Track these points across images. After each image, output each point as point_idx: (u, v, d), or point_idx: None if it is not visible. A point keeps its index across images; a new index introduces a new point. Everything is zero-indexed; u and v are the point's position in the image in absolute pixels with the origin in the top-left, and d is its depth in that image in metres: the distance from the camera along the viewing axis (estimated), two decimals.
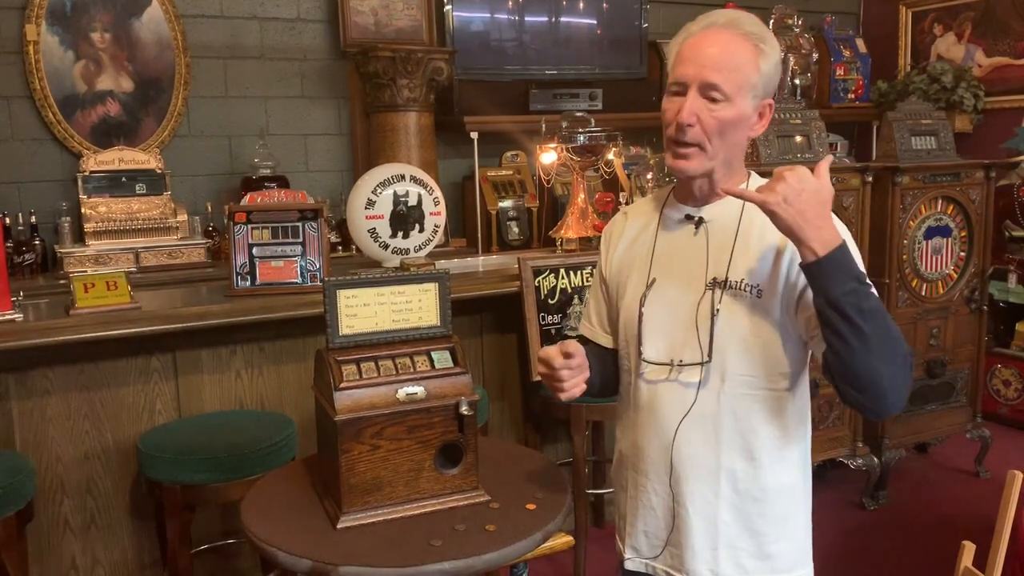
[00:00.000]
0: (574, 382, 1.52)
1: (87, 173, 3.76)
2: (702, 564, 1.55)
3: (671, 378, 1.53)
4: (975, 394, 3.94)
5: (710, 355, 1.49)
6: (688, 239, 1.56)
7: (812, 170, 1.35)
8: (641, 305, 1.56)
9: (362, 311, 1.71)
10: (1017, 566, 2.31)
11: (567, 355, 1.49)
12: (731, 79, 1.43)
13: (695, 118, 1.44)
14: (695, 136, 1.45)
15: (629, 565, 1.64)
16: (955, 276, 3.81)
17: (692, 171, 1.50)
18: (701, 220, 1.55)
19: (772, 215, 1.33)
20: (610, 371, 1.69)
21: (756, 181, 1.56)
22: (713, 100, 1.44)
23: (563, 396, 1.52)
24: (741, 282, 1.48)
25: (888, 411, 1.38)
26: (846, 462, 3.64)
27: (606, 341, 1.71)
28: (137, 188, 3.82)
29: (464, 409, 1.70)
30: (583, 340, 1.72)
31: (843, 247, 1.34)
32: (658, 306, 1.55)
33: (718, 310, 1.48)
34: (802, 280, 1.42)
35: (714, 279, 1.50)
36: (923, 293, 3.72)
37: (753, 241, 1.50)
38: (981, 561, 1.87)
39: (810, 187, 1.32)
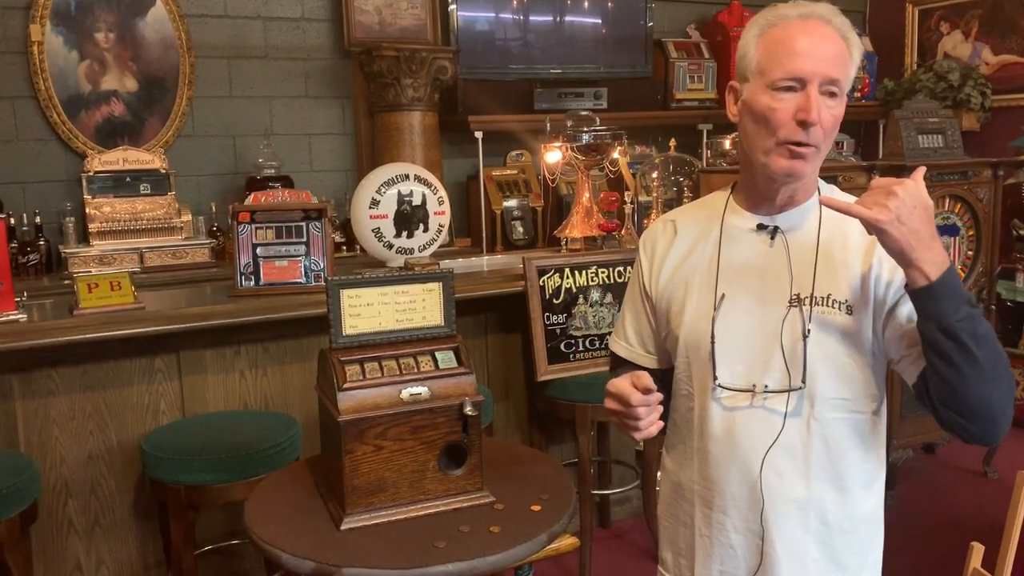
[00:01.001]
0: (651, 419, 1.35)
1: (91, 173, 3.76)
2: None
3: (749, 405, 1.40)
4: None
5: (804, 380, 1.36)
6: (763, 250, 1.42)
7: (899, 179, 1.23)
8: (713, 324, 1.42)
9: (366, 311, 1.70)
10: None
11: (646, 390, 1.33)
12: (845, 75, 1.34)
13: (820, 117, 1.31)
14: (818, 137, 1.32)
15: None
16: (963, 275, 3.78)
17: (807, 174, 1.37)
18: (777, 229, 1.42)
19: (883, 235, 1.20)
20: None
21: (825, 188, 1.46)
22: (832, 96, 1.33)
23: (639, 436, 1.36)
24: (829, 297, 1.37)
25: (998, 437, 1.29)
26: None
27: (648, 362, 1.58)
28: (141, 188, 3.82)
29: (468, 410, 1.69)
30: (615, 359, 1.64)
31: (952, 268, 1.23)
32: (732, 325, 1.42)
33: (809, 331, 1.35)
34: (891, 297, 1.34)
35: (798, 295, 1.37)
36: None
37: (836, 252, 1.39)
38: (990, 562, 1.85)
39: (922, 203, 1.20)
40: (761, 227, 1.43)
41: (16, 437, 2.55)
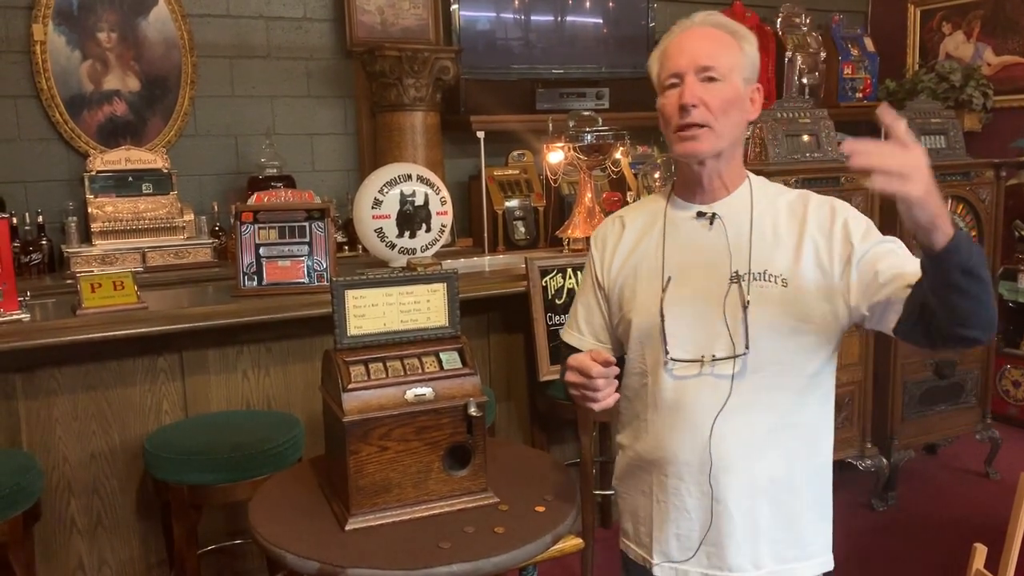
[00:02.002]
0: (608, 391, 1.48)
1: (94, 173, 3.76)
2: (744, 559, 1.54)
3: (698, 374, 1.52)
4: (985, 395, 3.92)
5: (747, 346, 1.49)
6: (703, 235, 1.57)
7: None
8: (662, 304, 1.55)
9: (370, 311, 1.70)
10: None
11: (605, 363, 1.46)
12: (722, 61, 1.50)
13: (698, 99, 1.47)
14: (702, 116, 1.48)
15: (658, 572, 1.60)
16: None
17: (704, 152, 1.50)
18: (715, 215, 1.56)
19: (918, 207, 1.19)
20: None
21: (757, 181, 1.60)
22: (711, 80, 1.49)
23: (597, 406, 1.48)
24: (765, 272, 1.51)
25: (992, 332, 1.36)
26: (855, 463, 3.62)
27: (592, 348, 1.65)
28: (143, 188, 3.82)
29: (473, 410, 1.69)
30: (567, 348, 1.74)
31: (949, 212, 1.34)
32: (680, 305, 1.55)
33: (748, 301, 1.49)
34: (838, 265, 1.47)
35: (737, 272, 1.52)
36: None
37: (768, 233, 1.53)
38: (993, 564, 1.85)
39: (926, 163, 1.20)
40: (700, 214, 1.58)
41: (19, 436, 2.55)
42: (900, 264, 1.44)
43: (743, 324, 1.49)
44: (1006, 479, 3.86)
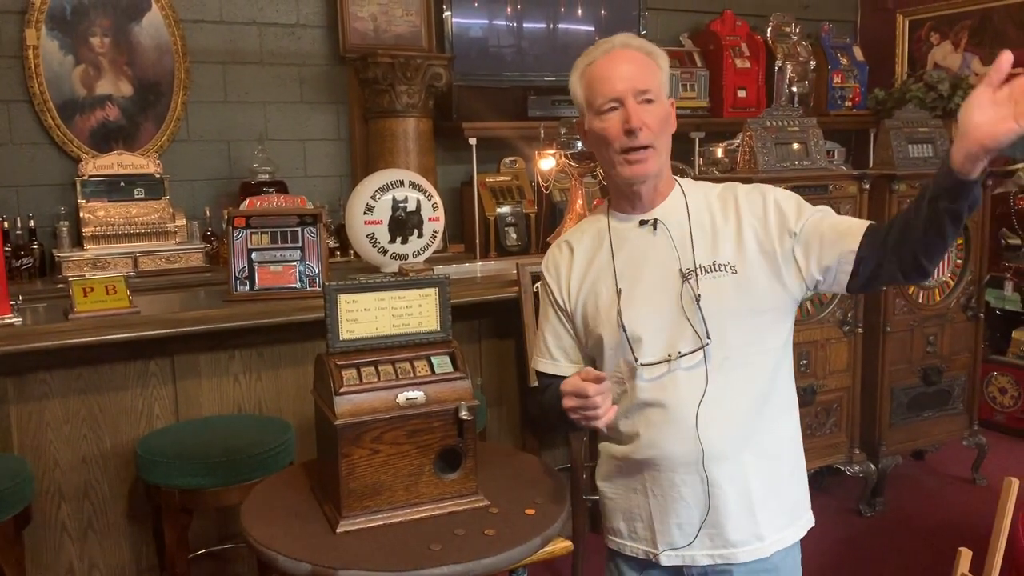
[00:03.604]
0: (607, 405, 1.51)
1: (86, 177, 3.76)
2: (745, 533, 1.61)
3: (672, 369, 1.59)
4: (972, 401, 3.95)
5: (708, 335, 1.56)
6: (648, 241, 1.65)
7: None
8: (620, 316, 1.61)
9: (363, 316, 1.71)
10: (1014, 573, 2.32)
11: (597, 379, 1.49)
12: (654, 83, 1.59)
13: (642, 121, 1.55)
14: (648, 138, 1.57)
15: (664, 560, 1.65)
16: (952, 284, 3.82)
17: (651, 172, 1.60)
18: (656, 220, 1.64)
19: (1002, 140, 1.30)
20: None
21: (685, 183, 1.69)
22: (648, 102, 1.57)
23: (600, 423, 1.52)
24: (714, 264, 1.60)
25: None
26: (843, 469, 3.65)
27: (574, 371, 1.66)
28: (136, 192, 3.83)
29: (464, 414, 1.70)
30: (542, 377, 1.78)
31: None
32: (640, 311, 1.61)
33: (699, 295, 1.57)
34: (779, 243, 1.58)
35: (687, 268, 1.60)
36: (920, 300, 3.73)
37: (707, 227, 1.62)
38: (978, 568, 1.87)
39: None
40: (643, 223, 1.66)
41: (10, 440, 2.56)
42: (838, 226, 1.55)
43: (699, 316, 1.56)
44: (992, 485, 3.89)
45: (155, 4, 4.02)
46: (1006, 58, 1.28)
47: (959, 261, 3.82)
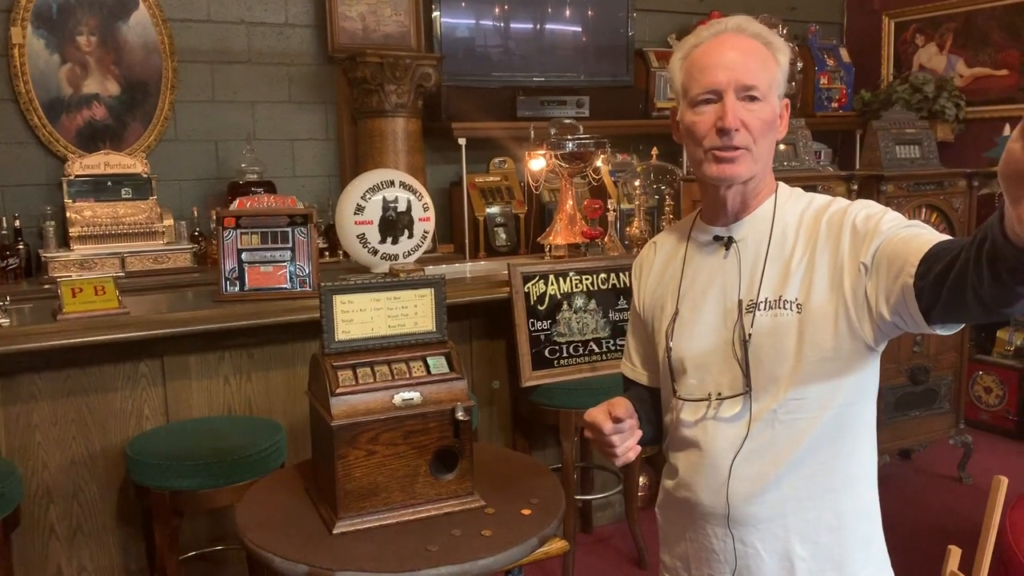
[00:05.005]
0: (627, 445, 1.39)
1: (72, 177, 3.74)
2: None
3: (710, 415, 1.43)
4: (958, 401, 3.98)
5: (749, 384, 1.39)
6: (718, 263, 1.47)
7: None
8: (668, 339, 1.47)
9: (358, 316, 1.71)
10: (1002, 570, 2.34)
11: (616, 419, 1.36)
12: (763, 79, 1.37)
13: (740, 122, 1.35)
14: (742, 140, 1.36)
15: None
16: None
17: (741, 176, 1.39)
18: (731, 240, 1.46)
19: None
20: (659, 413, 1.59)
21: (784, 194, 1.47)
22: (752, 100, 1.37)
23: (618, 462, 1.41)
24: (780, 299, 1.38)
25: None
26: None
27: (648, 380, 1.61)
28: (123, 192, 3.81)
29: (460, 415, 1.70)
30: (624, 380, 1.68)
31: None
32: (692, 338, 1.46)
33: (750, 335, 1.38)
34: (849, 276, 1.32)
35: (749, 301, 1.40)
36: None
37: (786, 254, 1.41)
38: (967, 565, 1.89)
39: None
40: (717, 239, 1.47)
41: None
42: (903, 249, 1.25)
43: (745, 359, 1.38)
44: (978, 483, 3.92)
45: (142, 3, 4.00)
46: None
47: None
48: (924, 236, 1.25)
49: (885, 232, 1.29)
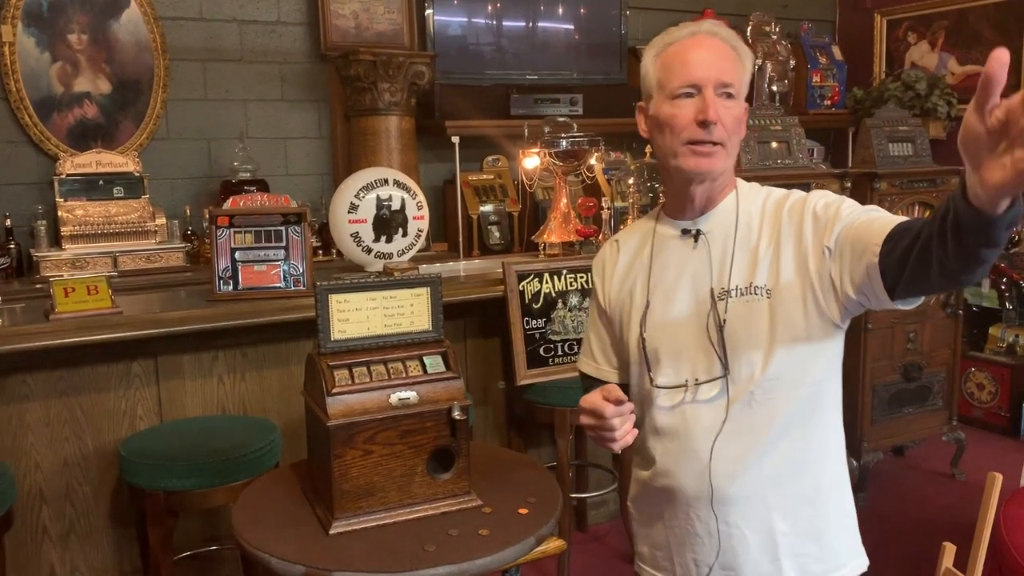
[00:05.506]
0: (626, 429, 1.39)
1: (64, 176, 3.71)
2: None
3: (688, 400, 1.48)
4: (951, 397, 4.00)
5: (727, 367, 1.44)
6: (687, 254, 1.53)
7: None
8: (642, 330, 1.52)
9: (354, 315, 1.71)
10: (996, 566, 2.35)
11: (617, 401, 1.38)
12: (738, 79, 1.46)
13: (718, 116, 1.41)
14: (720, 134, 1.43)
15: None
16: None
17: (716, 170, 1.46)
18: (699, 232, 1.52)
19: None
20: None
21: (744, 188, 1.55)
22: (729, 97, 1.44)
23: (616, 446, 1.40)
24: (751, 286, 1.45)
25: None
26: None
27: (613, 377, 1.65)
28: (115, 191, 3.78)
29: (457, 414, 1.70)
30: (584, 378, 1.70)
31: None
32: (665, 329, 1.51)
33: (725, 320, 1.45)
34: (814, 260, 1.40)
35: (720, 289, 1.47)
36: None
37: (752, 243, 1.48)
38: (961, 562, 1.89)
39: None
40: (685, 232, 1.54)
41: None
42: (865, 231, 1.34)
43: (721, 344, 1.45)
44: (971, 479, 3.94)
45: (133, 1, 3.97)
46: (1000, 58, 0.94)
47: None
48: (885, 218, 1.34)
49: (846, 217, 1.39)
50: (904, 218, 1.32)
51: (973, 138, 1.02)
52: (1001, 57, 0.94)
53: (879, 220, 1.34)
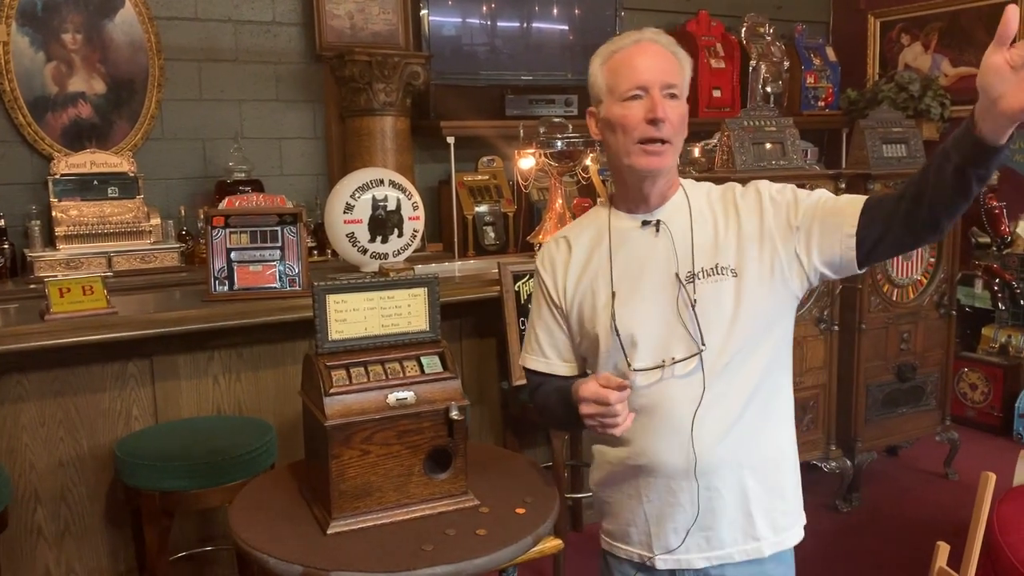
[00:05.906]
0: (626, 413, 1.47)
1: (58, 176, 3.71)
2: (740, 533, 1.60)
3: (667, 376, 1.56)
4: (944, 397, 4.01)
5: (703, 343, 1.54)
6: (650, 243, 1.62)
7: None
8: (613, 320, 1.59)
9: (351, 316, 1.71)
10: (989, 565, 2.36)
11: (620, 387, 1.45)
12: (680, 80, 1.57)
13: (666, 114, 1.52)
14: (669, 132, 1.54)
15: (660, 564, 1.64)
16: (924, 282, 3.88)
17: (666, 167, 1.57)
18: (659, 222, 1.62)
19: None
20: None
21: (688, 184, 1.66)
22: (673, 97, 1.55)
23: (619, 431, 1.48)
24: (717, 267, 1.57)
25: None
26: (820, 465, 3.69)
27: (566, 370, 1.71)
28: (109, 191, 3.78)
29: (454, 414, 1.70)
30: (533, 375, 1.75)
31: None
32: (638, 314, 1.59)
33: (695, 300, 1.55)
34: (780, 241, 1.55)
35: (688, 272, 1.57)
36: (894, 298, 3.79)
37: (709, 229, 1.60)
38: (954, 561, 1.91)
39: None
40: (645, 223, 1.63)
41: None
42: (833, 211, 1.53)
43: (695, 322, 1.54)
44: (964, 479, 3.96)
45: (128, 1, 3.97)
46: (1013, 13, 1.23)
47: (932, 259, 3.88)
48: (850, 197, 1.54)
49: (804, 199, 1.57)
50: (864, 196, 1.52)
51: (994, 71, 1.24)
52: (1012, 13, 1.23)
53: (846, 198, 1.54)
